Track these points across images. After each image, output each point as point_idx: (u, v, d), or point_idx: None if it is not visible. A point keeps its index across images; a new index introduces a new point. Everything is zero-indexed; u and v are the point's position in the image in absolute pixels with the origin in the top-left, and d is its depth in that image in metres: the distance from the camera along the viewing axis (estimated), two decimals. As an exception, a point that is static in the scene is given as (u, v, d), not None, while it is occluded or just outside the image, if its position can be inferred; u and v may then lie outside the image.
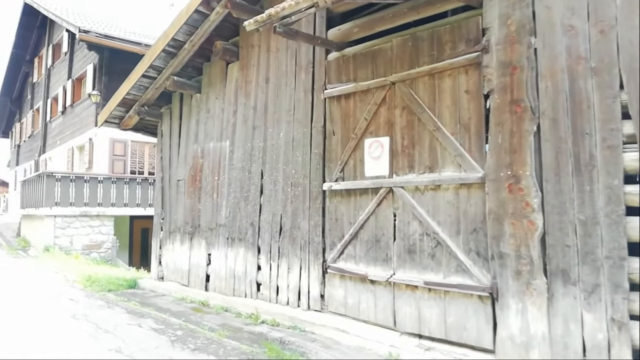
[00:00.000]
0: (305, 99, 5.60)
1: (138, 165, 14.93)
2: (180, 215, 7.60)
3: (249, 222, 6.24)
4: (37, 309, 5.91)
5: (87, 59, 15.49)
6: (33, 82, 25.06)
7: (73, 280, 8.09)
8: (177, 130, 7.88)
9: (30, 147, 25.28)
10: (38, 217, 11.99)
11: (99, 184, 11.94)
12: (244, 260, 6.24)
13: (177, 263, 7.53)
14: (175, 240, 7.68)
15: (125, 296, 6.84)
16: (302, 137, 5.58)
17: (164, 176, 8.07)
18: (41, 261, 10.13)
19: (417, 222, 4.27)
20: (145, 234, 14.64)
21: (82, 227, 11.46)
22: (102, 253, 11.69)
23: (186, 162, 7.58)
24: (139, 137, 14.78)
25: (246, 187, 6.34)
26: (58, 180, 11.28)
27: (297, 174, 5.59)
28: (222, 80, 6.99)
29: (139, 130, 8.95)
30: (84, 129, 15.32)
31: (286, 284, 5.60)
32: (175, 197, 7.76)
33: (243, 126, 6.50)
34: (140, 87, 7.67)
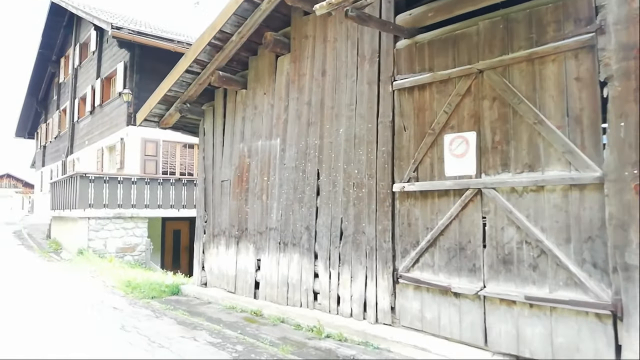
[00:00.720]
0: (369, 91, 5.18)
1: (169, 165, 14.72)
2: (225, 217, 7.27)
3: (303, 225, 5.85)
4: (83, 319, 5.62)
5: (117, 57, 15.36)
6: (59, 83, 25.22)
7: (112, 286, 7.83)
8: (221, 129, 7.55)
9: (56, 148, 25.44)
10: (70, 219, 11.85)
11: (132, 185, 11.73)
12: (299, 266, 5.86)
13: (222, 268, 7.20)
14: (219, 244, 7.36)
15: (170, 304, 6.52)
16: (366, 134, 5.17)
17: (206, 177, 7.75)
18: (75, 265, 9.94)
19: (514, 227, 3.81)
20: (177, 236, 14.43)
21: (116, 229, 11.26)
22: (135, 256, 11.48)
23: (231, 161, 7.24)
24: (170, 137, 14.58)
25: (300, 188, 5.95)
26: (91, 181, 11.10)
27: (361, 174, 5.17)
28: (271, 75, 6.62)
29: (179, 129, 8.65)
30: (114, 129, 15.19)
31: (349, 294, 5.19)
32: (220, 198, 7.43)
33: (296, 123, 6.12)
34: (182, 84, 7.36)
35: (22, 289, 7.45)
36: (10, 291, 7.23)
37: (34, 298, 6.80)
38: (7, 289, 7.43)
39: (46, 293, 7.18)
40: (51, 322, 5.49)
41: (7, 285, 7.75)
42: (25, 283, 8.00)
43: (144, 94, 14.08)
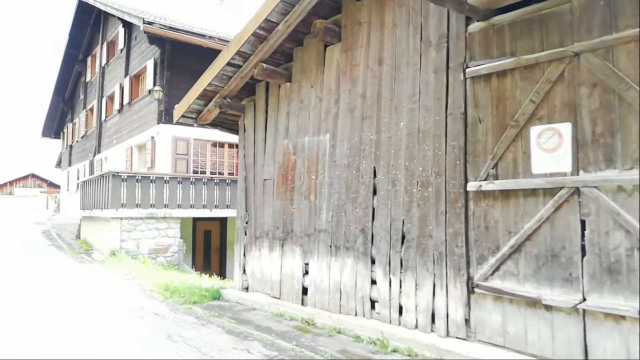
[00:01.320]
0: (436, 80, 4.76)
1: (200, 164, 14.51)
2: (268, 218, 6.93)
3: (358, 228, 5.46)
4: (125, 327, 5.34)
5: (146, 54, 15.22)
6: (86, 82, 25.38)
7: (150, 290, 7.57)
8: (263, 125, 7.21)
9: (83, 147, 25.61)
10: (102, 219, 11.70)
11: (165, 184, 11.52)
12: (353, 272, 5.47)
13: (266, 272, 6.86)
14: (262, 247, 7.02)
15: (213, 310, 6.21)
16: (432, 127, 4.74)
17: (247, 175, 7.43)
18: (109, 267, 9.75)
19: (623, 232, 3.35)
20: (208, 236, 14.22)
21: (149, 229, 11.06)
22: (168, 257, 11.26)
23: (274, 159, 6.89)
24: (200, 135, 14.39)
25: (354, 187, 5.56)
26: (124, 180, 10.92)
27: (427, 172, 4.75)
28: (319, 66, 6.24)
29: (216, 126, 8.35)
30: (143, 127, 15.06)
31: (413, 303, 4.77)
32: (262, 198, 7.09)
33: (348, 117, 5.73)
34: (222, 77, 7.04)
35: (58, 294, 7.25)
36: (46, 296, 7.04)
37: (71, 303, 6.58)
38: (43, 293, 7.24)
39: (83, 298, 6.96)
40: (93, 330, 5.22)
41: (42, 289, 7.57)
42: (60, 287, 7.81)
43: (175, 92, 13.93)
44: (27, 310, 6.05)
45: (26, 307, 6.26)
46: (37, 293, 7.17)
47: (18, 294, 7.08)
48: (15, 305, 6.34)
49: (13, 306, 6.28)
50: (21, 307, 6.22)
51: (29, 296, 6.94)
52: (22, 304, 6.45)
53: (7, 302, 6.54)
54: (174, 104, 13.99)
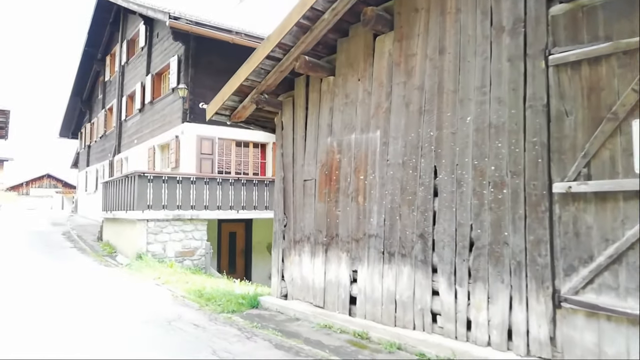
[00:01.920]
0: (511, 70, 4.31)
1: (225, 164, 14.19)
2: (309, 221, 6.54)
3: (416, 233, 5.03)
4: (166, 340, 4.99)
5: (169, 51, 14.96)
6: (105, 81, 25.31)
7: (182, 297, 7.23)
8: (302, 121, 6.82)
9: (102, 148, 25.54)
10: (127, 220, 11.44)
11: (191, 184, 11.21)
12: (410, 281, 5.05)
13: (307, 279, 6.47)
14: (302, 252, 6.63)
15: (255, 320, 5.84)
16: (507, 122, 4.30)
17: (285, 175, 7.05)
18: (135, 270, 9.46)
19: None
20: (233, 238, 13.90)
21: (175, 232, 10.76)
22: (195, 260, 10.95)
23: (316, 158, 6.50)
24: (225, 135, 14.08)
25: (410, 188, 5.14)
26: (150, 180, 10.63)
27: (500, 171, 4.31)
28: (367, 57, 5.83)
29: (250, 124, 7.99)
30: (167, 127, 14.79)
31: (485, 317, 4.33)
32: (302, 200, 6.70)
33: (402, 112, 5.31)
34: (260, 72, 6.67)
35: (87, 301, 6.94)
36: (75, 304, 6.74)
37: (103, 312, 6.26)
38: (71, 300, 6.94)
39: (115, 305, 6.64)
40: (133, 343, 4.88)
41: (69, 296, 7.28)
42: (88, 294, 7.51)
43: (199, 90, 13.63)
44: (56, 320, 5.75)
45: (55, 316, 5.96)
46: (65, 300, 6.88)
47: (44, 301, 6.79)
48: (43, 314, 6.04)
49: (40, 316, 5.98)
50: (49, 317, 5.92)
51: (57, 304, 6.65)
52: (50, 312, 6.15)
53: (33, 310, 6.25)
54: (199, 102, 13.75)
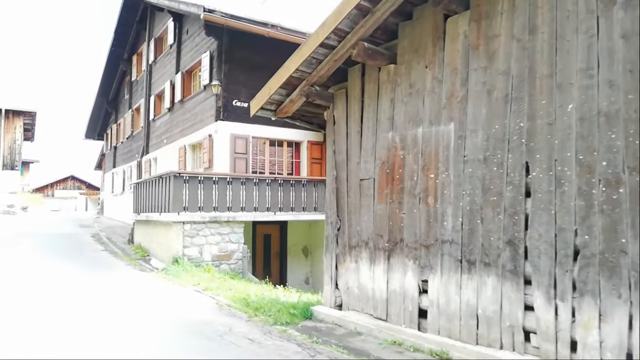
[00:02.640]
0: (625, 48, 3.69)
1: (259, 164, 13.75)
2: (367, 225, 6.00)
3: (503, 239, 4.44)
4: (222, 358, 4.51)
5: (201, 47, 14.61)
6: (131, 81, 25.23)
7: (227, 305, 6.78)
8: (358, 115, 6.29)
9: (129, 148, 25.48)
10: (161, 223, 11.08)
11: (227, 185, 10.80)
12: (496, 294, 4.46)
13: (366, 288, 5.93)
14: (359, 258, 6.10)
15: (313, 334, 5.33)
16: (622, 109, 3.68)
17: (338, 174, 6.52)
18: (173, 276, 9.06)
19: None
20: (268, 241, 13.47)
21: (212, 234, 10.35)
22: (232, 264, 10.53)
23: (375, 155, 5.96)
24: (259, 133, 13.64)
25: (495, 188, 4.55)
26: (186, 181, 10.24)
27: (615, 167, 3.70)
28: (437, 41, 5.26)
29: (296, 119, 7.51)
30: (198, 125, 14.44)
31: (596, 338, 3.72)
32: (358, 201, 6.17)
33: (483, 100, 4.73)
34: (311, 62, 6.17)
35: (130, 310, 6.55)
36: (117, 312, 6.33)
37: (149, 322, 5.84)
38: (112, 308, 6.55)
39: (160, 315, 6.22)
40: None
41: (109, 303, 6.90)
42: (129, 301, 7.13)
43: (233, 86, 13.23)
44: (102, 332, 5.34)
45: (99, 327, 5.56)
46: (105, 309, 6.49)
47: (83, 310, 6.41)
48: (83, 325, 5.64)
49: (79, 327, 5.58)
50: (92, 327, 5.52)
51: (98, 313, 6.27)
52: (93, 322, 5.75)
53: (72, 319, 5.86)
54: (233, 99, 13.35)
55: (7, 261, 10.52)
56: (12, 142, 32.80)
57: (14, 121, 32.88)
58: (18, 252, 12.02)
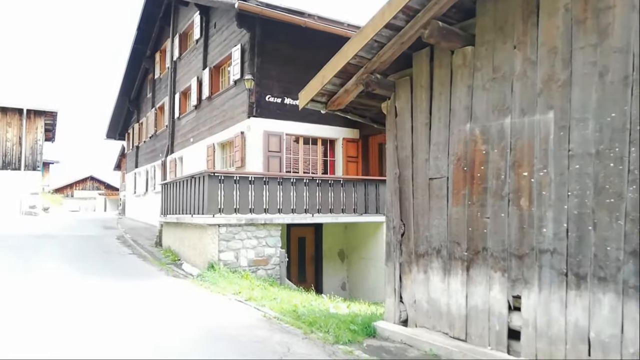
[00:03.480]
0: None
1: (293, 163, 13.15)
2: (439, 230, 5.33)
3: (624, 249, 3.74)
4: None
5: (230, 41, 14.08)
6: (154, 79, 24.92)
7: (277, 318, 6.17)
8: (426, 105, 5.62)
9: (152, 148, 25.18)
10: (193, 225, 10.56)
11: (264, 185, 10.22)
12: (615, 315, 3.76)
13: (438, 303, 5.26)
14: (429, 268, 5.43)
15: (383, 356, 4.69)
16: None
17: (401, 173, 5.87)
18: (210, 283, 8.51)
19: None
20: (302, 244, 12.87)
21: (248, 238, 9.78)
22: (269, 270, 9.95)
23: (448, 151, 5.29)
24: (292, 130, 13.06)
25: (612, 187, 3.85)
26: (221, 181, 9.69)
27: None
28: (528, 17, 4.57)
29: (347, 112, 6.89)
30: (228, 122, 13.92)
31: None
32: (427, 203, 5.51)
33: (592, 84, 4.03)
34: (372, 46, 5.52)
35: (171, 323, 5.98)
36: (159, 328, 5.78)
37: (196, 339, 5.26)
38: (153, 323, 6.00)
39: (205, 330, 5.64)
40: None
41: (148, 317, 6.36)
42: (168, 313, 6.58)
43: (266, 81, 12.66)
44: (143, 353, 4.78)
45: (140, 346, 5.00)
46: (146, 324, 5.95)
47: (122, 327, 5.88)
48: (126, 345, 5.09)
49: (122, 346, 5.03)
50: (135, 348, 4.96)
51: (138, 330, 5.72)
52: (133, 342, 5.20)
53: (109, 339, 5.32)
54: (266, 94, 12.78)
55: (36, 268, 10.12)
56: (34, 143, 32.92)
57: (35, 121, 33.00)
58: (44, 257, 11.65)
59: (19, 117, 32.35)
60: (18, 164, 32.09)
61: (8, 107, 31.97)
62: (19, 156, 32.17)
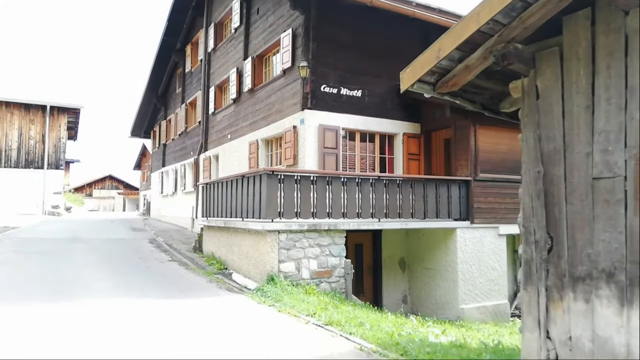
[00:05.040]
0: None
1: (349, 160, 11.99)
2: (609, 246, 4.10)
3: None
4: None
5: (278, 26, 13.01)
6: (184, 73, 24.06)
7: (378, 353, 5.00)
8: (585, 83, 4.40)
9: (181, 146, 24.33)
10: (245, 231, 9.50)
11: (327, 186, 9.11)
12: None
13: (611, 342, 4.03)
14: (595, 296, 4.20)
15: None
16: None
17: (548, 171, 4.65)
18: (274, 300, 7.43)
19: None
20: (360, 252, 11.70)
21: (310, 246, 8.68)
22: (332, 283, 8.84)
23: (624, 141, 4.06)
24: (349, 124, 11.91)
25: None
26: (281, 181, 8.58)
27: None
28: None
29: (457, 97, 5.69)
30: (275, 116, 12.84)
31: None
32: (588, 210, 4.28)
33: None
34: (514, 8, 4.32)
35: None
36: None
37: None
38: (221, 353, 4.89)
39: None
40: None
41: (213, 344, 5.25)
42: (237, 342, 5.48)
43: (321, 69, 11.54)
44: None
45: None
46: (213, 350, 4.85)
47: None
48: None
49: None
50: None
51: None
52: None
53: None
54: (321, 84, 11.61)
55: (74, 281, 9.17)
56: (57, 141, 32.49)
57: (58, 118, 32.59)
58: (80, 267, 10.73)
59: (42, 113, 31.95)
60: (41, 162, 31.70)
61: (31, 103, 31.62)
62: (41, 154, 31.78)
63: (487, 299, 10.82)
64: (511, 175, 11.62)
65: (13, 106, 31.27)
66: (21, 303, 6.92)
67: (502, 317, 10.94)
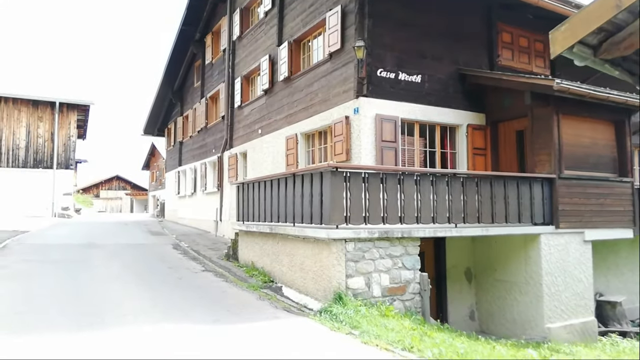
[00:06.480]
0: None
1: (408, 155, 10.72)
2: None
3: None
4: None
5: (321, 5, 11.83)
6: (204, 65, 22.95)
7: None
8: None
9: (201, 143, 23.20)
10: (299, 239, 8.27)
11: (397, 185, 7.85)
12: None
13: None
14: None
15: None
16: None
17: None
18: (348, 325, 6.21)
19: None
20: (421, 261, 10.38)
21: (381, 257, 7.44)
22: (406, 301, 7.60)
23: None
24: (408, 114, 10.64)
25: None
26: (347, 179, 7.35)
27: None
28: None
29: (618, 66, 4.42)
30: (319, 107, 11.63)
31: None
32: None
33: None
34: None
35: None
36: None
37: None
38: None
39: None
40: None
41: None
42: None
43: (378, 51, 10.28)
44: None
45: None
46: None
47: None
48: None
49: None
50: None
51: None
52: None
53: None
54: (377, 67, 10.32)
55: (98, 297, 8.03)
56: (67, 139, 31.57)
57: (68, 116, 31.65)
58: (100, 277, 9.62)
59: (50, 111, 31.01)
60: (50, 162, 30.78)
61: (40, 99, 30.69)
62: (50, 154, 30.85)
63: (574, 316, 9.52)
64: (596, 173, 10.33)
65: (21, 103, 30.33)
66: (44, 333, 5.77)
67: (590, 337, 9.64)
